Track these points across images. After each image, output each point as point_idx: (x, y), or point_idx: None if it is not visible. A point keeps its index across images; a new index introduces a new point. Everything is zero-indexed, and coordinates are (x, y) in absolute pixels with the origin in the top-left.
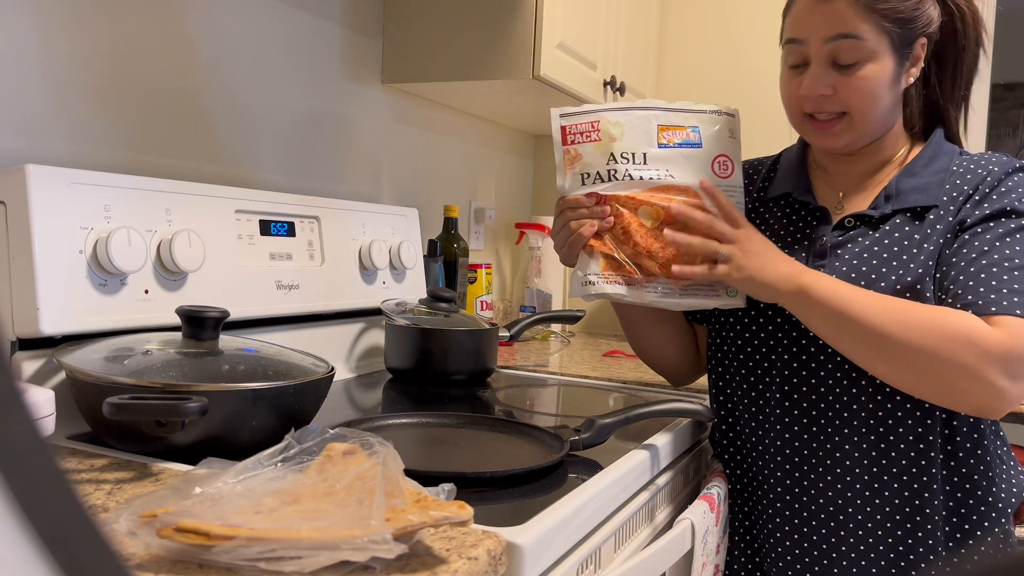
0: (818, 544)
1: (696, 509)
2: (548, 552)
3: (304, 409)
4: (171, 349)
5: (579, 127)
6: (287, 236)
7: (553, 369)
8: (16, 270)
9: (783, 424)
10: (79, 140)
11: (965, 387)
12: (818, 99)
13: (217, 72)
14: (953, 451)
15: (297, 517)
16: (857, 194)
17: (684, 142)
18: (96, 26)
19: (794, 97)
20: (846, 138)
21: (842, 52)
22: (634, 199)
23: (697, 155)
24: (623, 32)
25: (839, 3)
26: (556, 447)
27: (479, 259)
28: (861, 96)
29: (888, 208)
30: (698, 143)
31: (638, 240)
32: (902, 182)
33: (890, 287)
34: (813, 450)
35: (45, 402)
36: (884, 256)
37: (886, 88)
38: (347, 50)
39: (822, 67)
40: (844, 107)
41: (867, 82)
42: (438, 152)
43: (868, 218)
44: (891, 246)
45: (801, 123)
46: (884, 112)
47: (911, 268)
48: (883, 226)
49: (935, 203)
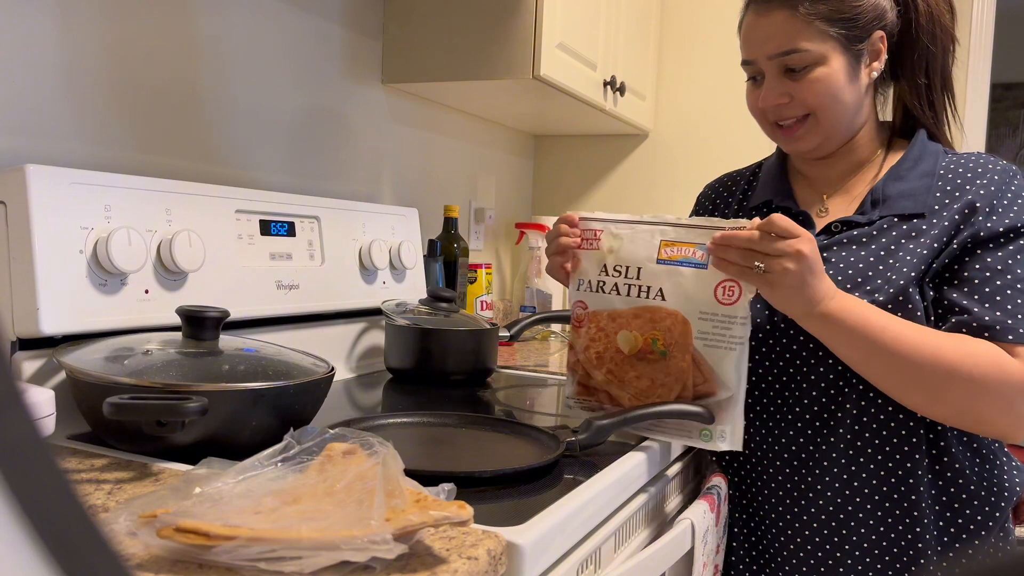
0: (819, 544)
1: (696, 509)
2: (548, 552)
3: (304, 409)
4: (171, 349)
5: (585, 233)
6: (287, 236)
7: (553, 369)
8: (16, 270)
9: (779, 426)
10: (79, 140)
11: (994, 419)
12: (777, 108)
13: (217, 72)
14: (946, 447)
15: (297, 517)
16: (840, 197)
17: (686, 260)
18: (97, 26)
19: (757, 110)
20: (813, 138)
21: (789, 63)
22: (616, 321)
23: (700, 277)
24: (623, 32)
25: (777, 17)
26: (554, 448)
27: (479, 259)
28: (818, 95)
29: (875, 214)
30: (704, 264)
31: (611, 368)
32: (888, 186)
33: (880, 294)
34: (810, 452)
35: (45, 402)
36: (871, 261)
37: (843, 85)
38: (347, 50)
39: (774, 79)
40: (805, 108)
41: (820, 83)
42: (438, 152)
43: (855, 224)
44: (879, 252)
45: (771, 132)
46: (849, 109)
47: (900, 275)
48: (871, 231)
49: (923, 210)
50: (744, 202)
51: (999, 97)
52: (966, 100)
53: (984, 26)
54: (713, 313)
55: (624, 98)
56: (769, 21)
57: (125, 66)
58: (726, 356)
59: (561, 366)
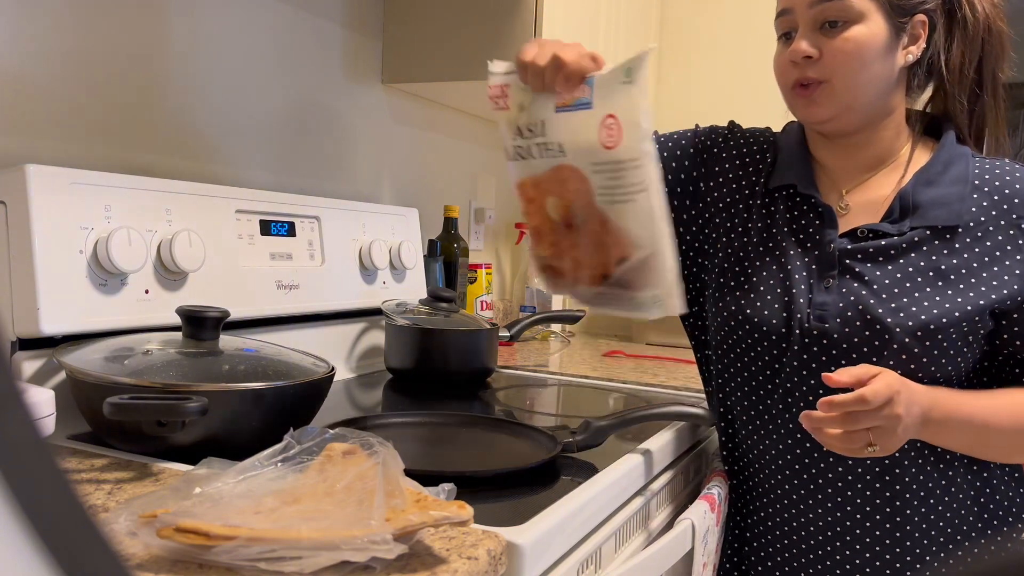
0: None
1: (696, 509)
2: (548, 552)
3: (304, 409)
4: (171, 349)
5: (493, 90)
6: (287, 236)
7: (553, 369)
8: (16, 270)
9: (786, 431)
10: (79, 140)
11: None
12: (803, 64)
13: (217, 72)
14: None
15: (297, 517)
16: (861, 194)
17: (579, 101)
18: (97, 26)
19: (783, 66)
20: (830, 107)
21: (829, 12)
22: (539, 187)
23: (586, 119)
24: (623, 32)
25: None
26: (552, 448)
27: (479, 259)
28: (846, 58)
29: (906, 225)
30: (588, 102)
31: (552, 240)
32: (919, 192)
33: (912, 321)
34: (814, 460)
35: (45, 402)
36: (899, 278)
37: (875, 55)
38: (347, 50)
39: (809, 31)
40: (827, 74)
41: (853, 43)
42: (438, 152)
43: (884, 233)
44: (907, 268)
45: (791, 96)
46: (874, 82)
47: (955, 298)
48: (900, 244)
49: (958, 222)
50: (763, 179)
51: None
52: None
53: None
54: (604, 163)
55: None
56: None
57: (125, 66)
58: (627, 209)
59: (561, 366)
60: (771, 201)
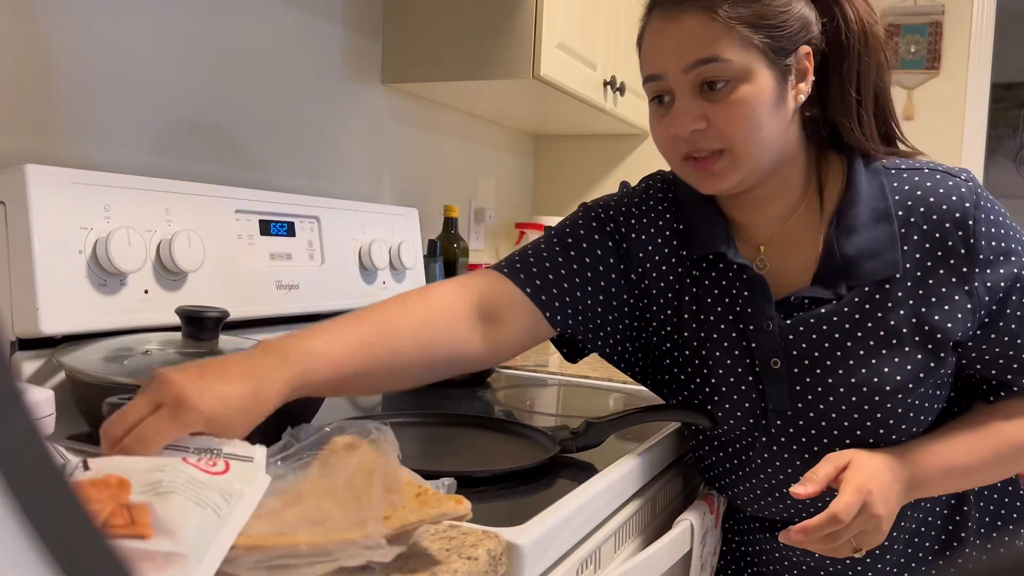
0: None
1: (696, 510)
2: (548, 552)
3: (304, 409)
4: (171, 349)
5: None
6: (287, 236)
7: (553, 369)
8: (16, 270)
9: (768, 486)
10: (79, 140)
11: None
12: (692, 136)
13: (217, 72)
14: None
15: (297, 520)
16: (779, 249)
17: None
18: (97, 26)
19: (666, 138)
20: (733, 177)
21: (708, 74)
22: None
23: None
24: (623, 32)
25: (691, 21)
26: (552, 448)
27: (479, 259)
28: (739, 124)
29: (843, 288)
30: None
31: None
32: (844, 245)
33: (891, 385)
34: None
35: (45, 402)
36: (871, 345)
37: (768, 110)
38: (347, 50)
39: (688, 98)
40: (722, 142)
41: (743, 105)
42: (438, 152)
43: (820, 299)
44: (875, 333)
45: (682, 167)
46: (771, 140)
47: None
48: (841, 308)
49: (895, 271)
50: (682, 250)
51: (999, 97)
52: (966, 100)
53: (984, 26)
54: None
55: (624, 98)
56: (682, 26)
57: (125, 66)
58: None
59: (561, 366)
60: (700, 275)
